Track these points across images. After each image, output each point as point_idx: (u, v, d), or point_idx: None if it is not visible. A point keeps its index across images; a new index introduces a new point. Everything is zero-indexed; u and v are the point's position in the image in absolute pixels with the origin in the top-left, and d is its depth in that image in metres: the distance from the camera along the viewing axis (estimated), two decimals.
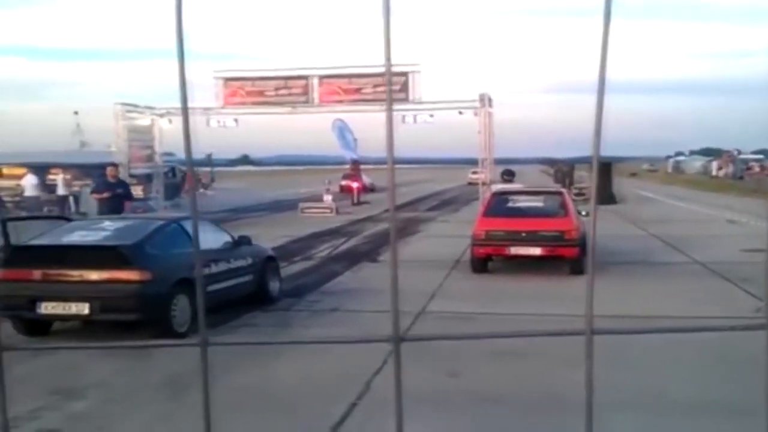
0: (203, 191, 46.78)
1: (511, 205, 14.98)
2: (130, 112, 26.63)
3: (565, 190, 18.57)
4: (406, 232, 22.49)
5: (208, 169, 53.35)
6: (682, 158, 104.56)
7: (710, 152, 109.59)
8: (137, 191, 27.90)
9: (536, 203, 15.05)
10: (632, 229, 21.70)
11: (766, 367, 0.88)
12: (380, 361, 7.28)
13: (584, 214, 15.57)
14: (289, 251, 17.21)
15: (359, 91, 25.90)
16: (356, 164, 39.13)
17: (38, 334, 9.28)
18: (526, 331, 8.30)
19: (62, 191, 27.36)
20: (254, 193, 47.40)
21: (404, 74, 25.42)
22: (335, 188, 36.80)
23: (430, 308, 10.77)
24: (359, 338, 1.22)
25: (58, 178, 28.65)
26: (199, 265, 1.32)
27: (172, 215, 13.07)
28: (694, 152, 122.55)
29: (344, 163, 40.70)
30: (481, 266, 14.09)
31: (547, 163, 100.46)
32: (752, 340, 1.29)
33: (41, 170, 29.31)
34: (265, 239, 14.39)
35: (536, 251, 13.64)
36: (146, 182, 28.81)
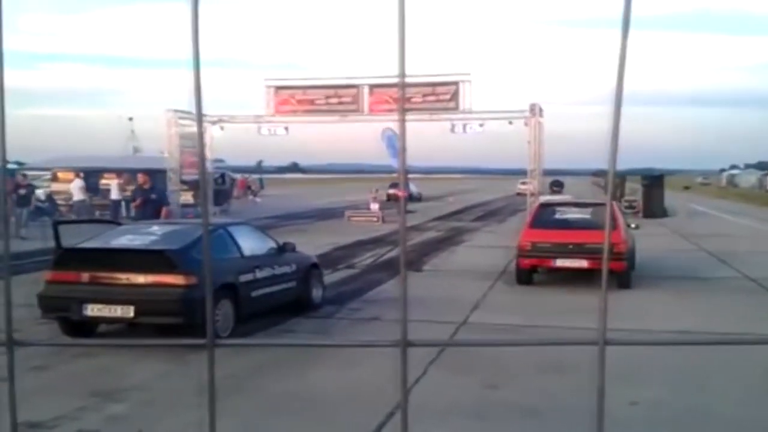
0: (252, 198, 47.30)
1: (558, 216, 14.73)
2: (182, 119, 27.02)
3: (614, 202, 18.27)
4: (451, 241, 22.41)
5: (257, 176, 53.90)
6: (736, 171, 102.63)
7: (766, 166, 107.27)
8: (187, 197, 28.37)
9: (584, 215, 14.75)
10: (682, 243, 21.31)
11: None
12: (420, 370, 7.26)
13: (633, 226, 15.34)
14: (333, 258, 17.27)
15: (409, 100, 25.94)
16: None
17: (84, 335, 9.40)
18: (537, 339, 8.20)
19: (116, 196, 27.87)
20: (302, 200, 47.72)
21: (455, 83, 25.44)
22: (382, 196, 36.89)
23: (472, 319, 10.70)
24: (366, 342, 1.21)
25: (112, 182, 29.21)
26: (208, 265, 1.32)
27: (219, 221, 13.20)
28: (749, 165, 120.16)
29: (392, 171, 40.71)
30: (526, 278, 13.91)
31: (597, 174, 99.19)
32: None
33: (94, 175, 29.93)
34: (310, 246, 14.46)
35: (583, 264, 13.39)
36: (196, 188, 29.19)
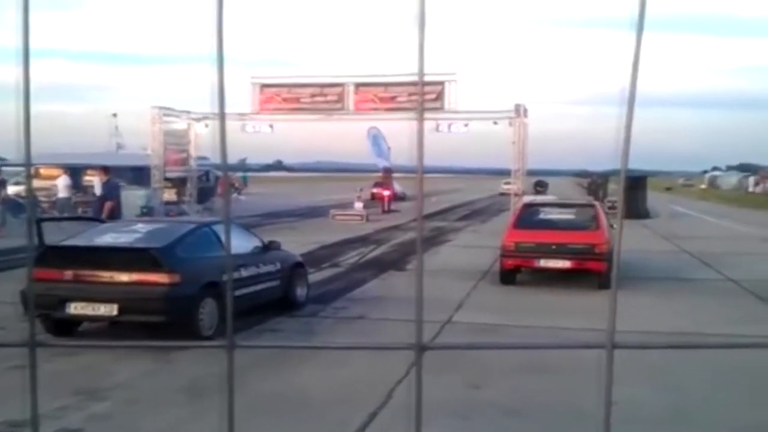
0: (235, 196, 47.14)
1: (541, 216, 14.77)
2: (166, 115, 26.91)
3: (597, 203, 18.33)
4: (434, 241, 22.45)
5: (240, 174, 53.69)
6: (718, 173, 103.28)
7: (747, 168, 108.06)
8: (171, 195, 28.27)
9: (567, 215, 14.81)
10: (664, 244, 21.45)
11: None
12: (403, 370, 7.27)
13: (615, 227, 15.41)
14: (318, 257, 17.27)
15: (394, 99, 25.95)
16: (388, 172, 39.17)
17: (65, 334, 9.37)
18: (547, 343, 8.22)
19: (99, 192, 27.63)
20: (286, 198, 47.64)
21: (440, 83, 25.45)
22: (366, 196, 36.84)
23: (456, 319, 10.74)
24: (383, 345, 1.23)
25: (94, 179, 28.98)
26: (229, 269, 1.35)
27: (203, 219, 13.17)
28: (731, 167, 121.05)
29: (377, 171, 40.69)
30: (509, 278, 13.97)
31: (581, 175, 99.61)
32: None
33: (77, 171, 29.69)
34: (294, 245, 14.45)
35: (565, 264, 13.47)
36: (180, 186, 29.10)
